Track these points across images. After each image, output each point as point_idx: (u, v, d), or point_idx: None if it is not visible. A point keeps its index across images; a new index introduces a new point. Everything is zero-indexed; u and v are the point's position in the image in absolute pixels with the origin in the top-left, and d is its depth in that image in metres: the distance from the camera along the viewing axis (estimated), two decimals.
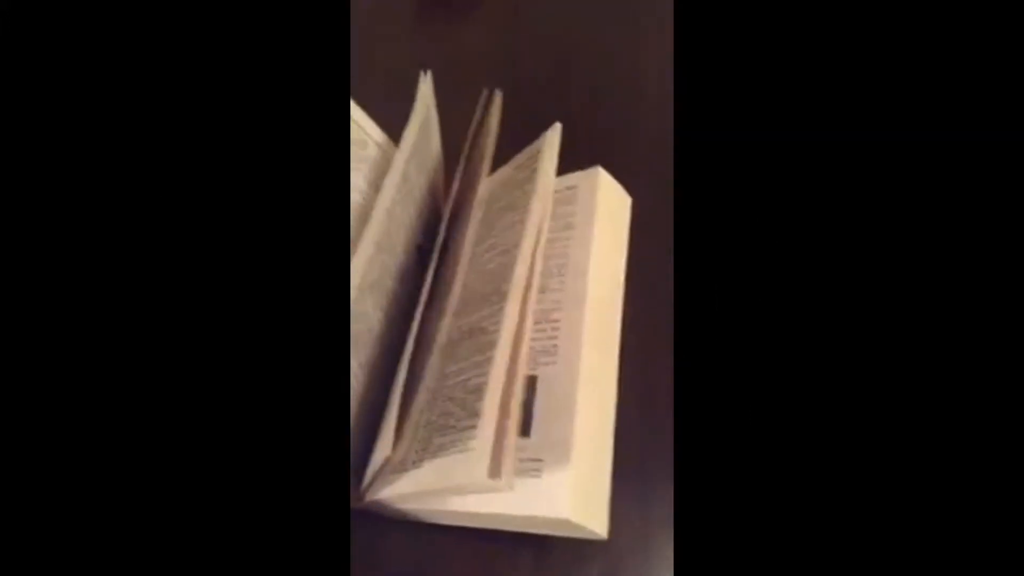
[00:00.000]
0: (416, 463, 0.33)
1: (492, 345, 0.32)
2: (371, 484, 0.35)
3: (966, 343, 0.21)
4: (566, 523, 0.32)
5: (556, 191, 0.42)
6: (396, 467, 0.34)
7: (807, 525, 0.21)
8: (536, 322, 0.38)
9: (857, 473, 0.21)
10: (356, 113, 0.40)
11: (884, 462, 0.21)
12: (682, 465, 0.22)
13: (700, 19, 0.23)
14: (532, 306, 0.33)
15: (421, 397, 0.36)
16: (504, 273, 0.35)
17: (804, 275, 0.22)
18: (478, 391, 0.32)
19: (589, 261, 0.39)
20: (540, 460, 0.34)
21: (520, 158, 0.42)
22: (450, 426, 0.32)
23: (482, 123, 0.43)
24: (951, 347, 0.21)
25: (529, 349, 0.34)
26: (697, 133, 0.23)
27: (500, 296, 0.34)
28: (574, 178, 0.43)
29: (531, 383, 0.36)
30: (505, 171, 0.43)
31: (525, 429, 0.35)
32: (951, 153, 0.22)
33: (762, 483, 0.22)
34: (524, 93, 0.50)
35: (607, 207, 0.42)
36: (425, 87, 0.40)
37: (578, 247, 0.40)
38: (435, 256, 0.40)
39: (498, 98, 0.42)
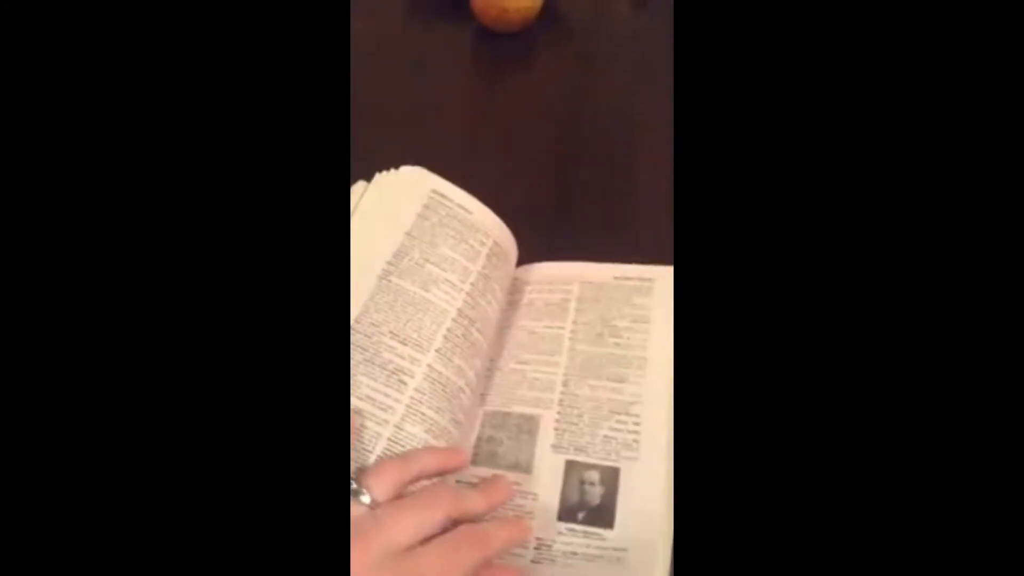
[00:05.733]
0: None
1: None
2: None
3: (964, 346, 0.21)
4: None
5: (629, 279, 0.43)
6: None
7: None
8: (616, 413, 0.39)
9: (866, 492, 0.21)
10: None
11: (886, 465, 0.21)
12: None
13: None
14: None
15: None
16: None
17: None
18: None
19: (671, 359, 0.39)
20: (624, 549, 0.34)
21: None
22: None
23: None
24: (949, 348, 0.21)
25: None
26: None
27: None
28: (651, 271, 0.44)
29: (613, 475, 0.37)
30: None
31: (608, 521, 0.35)
32: (951, 152, 0.22)
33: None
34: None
35: None
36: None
37: (656, 345, 0.40)
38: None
39: None
